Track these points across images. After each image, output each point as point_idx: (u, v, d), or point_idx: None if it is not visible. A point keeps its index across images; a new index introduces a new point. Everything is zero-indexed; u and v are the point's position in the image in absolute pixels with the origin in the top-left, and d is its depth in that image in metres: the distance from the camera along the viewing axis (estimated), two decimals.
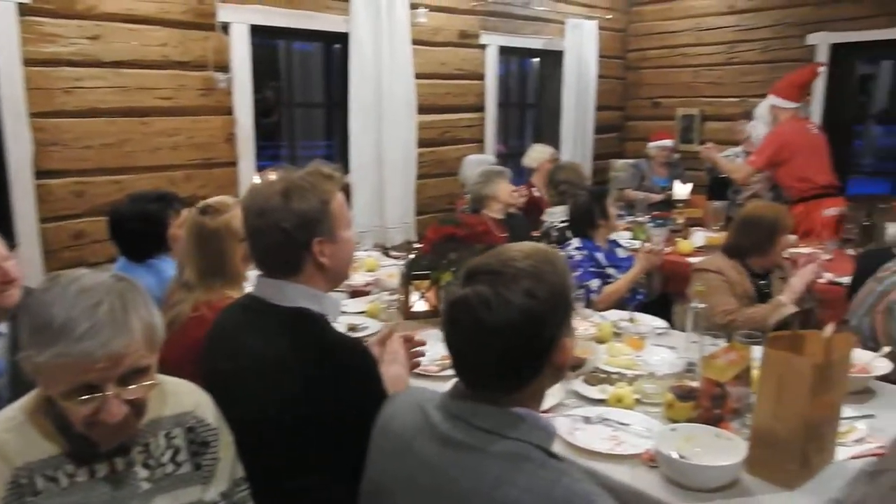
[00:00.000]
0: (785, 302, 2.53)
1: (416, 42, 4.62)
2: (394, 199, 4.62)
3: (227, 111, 3.86)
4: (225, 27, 3.76)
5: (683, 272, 3.08)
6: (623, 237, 4.14)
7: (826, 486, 1.45)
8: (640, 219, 4.33)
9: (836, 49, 5.25)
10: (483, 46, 5.19)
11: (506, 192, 3.65)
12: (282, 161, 4.82)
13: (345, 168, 4.41)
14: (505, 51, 5.40)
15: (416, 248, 2.57)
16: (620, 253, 3.23)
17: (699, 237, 3.94)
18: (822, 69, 4.45)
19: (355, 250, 1.67)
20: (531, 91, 6.28)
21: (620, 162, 6.17)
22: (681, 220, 4.27)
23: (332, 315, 1.48)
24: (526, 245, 1.17)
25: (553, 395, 1.84)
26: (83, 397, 1.06)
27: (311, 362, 1.34)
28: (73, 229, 3.41)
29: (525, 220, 3.97)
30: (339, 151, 4.67)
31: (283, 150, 4.77)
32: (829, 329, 1.42)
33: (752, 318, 2.47)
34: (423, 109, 4.75)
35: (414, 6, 4.56)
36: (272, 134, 4.82)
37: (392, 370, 1.60)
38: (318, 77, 4.82)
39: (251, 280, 1.59)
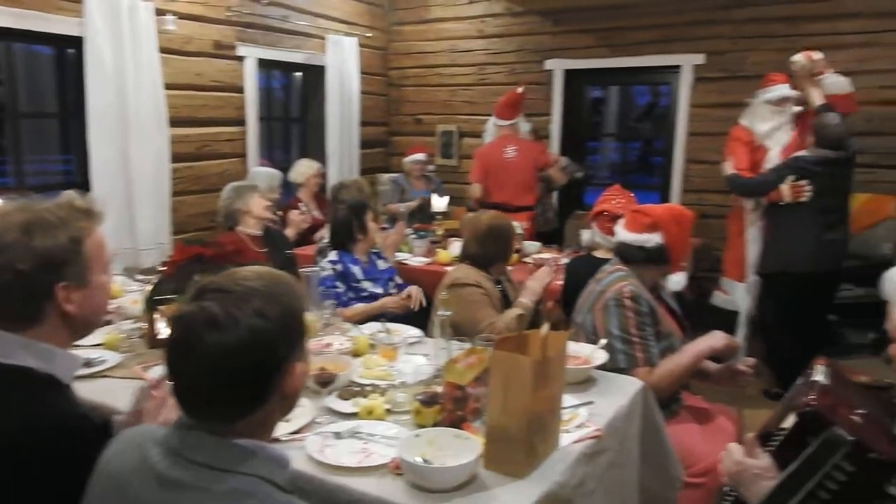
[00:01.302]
0: (527, 304, 2.75)
1: (165, 51, 4.35)
2: (146, 217, 4.29)
3: None
4: None
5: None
6: None
7: (551, 471, 1.59)
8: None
9: (569, 74, 5.90)
10: (241, 58, 5.03)
11: (259, 206, 3.54)
12: (7, 179, 4.24)
13: (86, 185, 4.01)
14: (265, 63, 5.29)
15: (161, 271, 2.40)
16: (381, 265, 3.29)
17: (457, 247, 4.16)
18: (521, 89, 5.14)
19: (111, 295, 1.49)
20: (296, 105, 6.22)
21: (386, 176, 6.34)
22: (440, 232, 4.49)
23: (64, 376, 1.28)
24: (262, 267, 1.16)
25: (304, 414, 1.82)
26: None
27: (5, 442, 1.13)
28: None
29: (284, 236, 3.90)
30: (78, 167, 4.23)
31: (6, 166, 4.19)
32: (545, 328, 1.56)
33: (508, 326, 2.64)
34: (177, 122, 4.48)
35: (160, 12, 4.29)
36: None
37: None
38: (51, 84, 4.32)
39: None
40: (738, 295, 4.40)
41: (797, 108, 4.20)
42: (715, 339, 2.32)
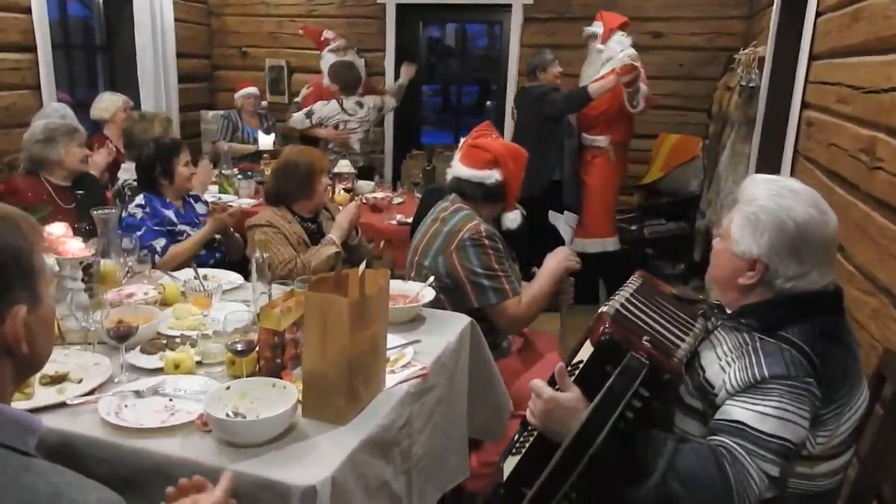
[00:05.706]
0: (334, 239, 2.64)
1: None
2: None
3: None
4: None
5: None
6: (211, 191, 3.97)
7: (375, 414, 1.53)
8: (226, 171, 4.17)
9: (402, 9, 5.72)
10: None
11: (75, 159, 3.08)
12: None
13: None
14: None
15: None
16: (200, 209, 3.01)
17: None
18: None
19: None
20: (102, 32, 5.52)
21: (211, 113, 5.88)
22: (268, 172, 4.22)
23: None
24: None
25: (99, 373, 1.61)
26: None
27: None
28: None
29: (95, 179, 3.44)
30: None
31: None
32: (361, 266, 1.47)
33: (307, 261, 2.52)
34: None
35: None
36: None
37: None
38: None
39: None
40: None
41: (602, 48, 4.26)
42: (568, 254, 2.38)
